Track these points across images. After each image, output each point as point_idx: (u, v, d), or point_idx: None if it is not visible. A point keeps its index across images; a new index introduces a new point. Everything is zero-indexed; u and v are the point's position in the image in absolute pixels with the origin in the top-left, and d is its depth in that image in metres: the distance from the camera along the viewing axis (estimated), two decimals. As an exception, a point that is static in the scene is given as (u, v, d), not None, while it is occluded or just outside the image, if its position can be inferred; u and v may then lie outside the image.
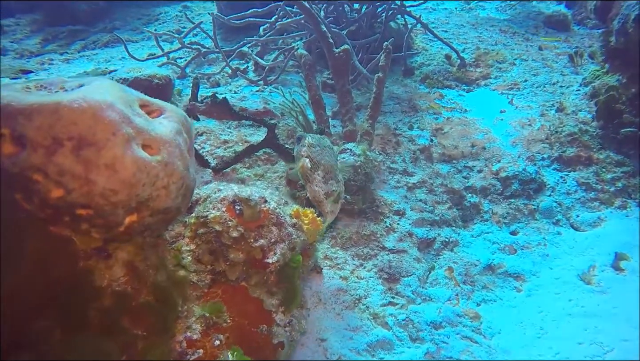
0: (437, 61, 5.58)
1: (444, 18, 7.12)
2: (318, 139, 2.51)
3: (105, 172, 1.34)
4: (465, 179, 3.62)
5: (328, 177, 2.42)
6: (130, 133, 1.43)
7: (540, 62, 5.25)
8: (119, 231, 1.49)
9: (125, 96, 1.50)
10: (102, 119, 1.35)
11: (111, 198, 1.37)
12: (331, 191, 2.41)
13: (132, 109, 1.50)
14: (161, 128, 1.58)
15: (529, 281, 2.79)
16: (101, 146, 1.34)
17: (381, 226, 3.11)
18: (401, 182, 3.48)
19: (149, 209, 1.51)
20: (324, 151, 2.46)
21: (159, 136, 1.53)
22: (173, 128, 1.62)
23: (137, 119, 1.49)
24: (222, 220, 2.04)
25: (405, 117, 4.32)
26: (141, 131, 1.48)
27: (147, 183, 1.45)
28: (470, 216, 3.41)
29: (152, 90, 3.76)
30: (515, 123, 4.02)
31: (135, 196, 1.43)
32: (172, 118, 1.66)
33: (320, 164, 2.42)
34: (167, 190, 1.54)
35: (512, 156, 3.66)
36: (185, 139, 1.69)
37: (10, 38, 6.78)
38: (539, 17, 6.93)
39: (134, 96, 1.60)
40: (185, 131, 1.72)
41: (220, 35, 5.88)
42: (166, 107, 1.69)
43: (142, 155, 1.43)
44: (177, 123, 1.65)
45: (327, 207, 2.43)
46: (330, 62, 3.67)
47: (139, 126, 1.47)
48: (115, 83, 1.53)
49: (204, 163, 3.23)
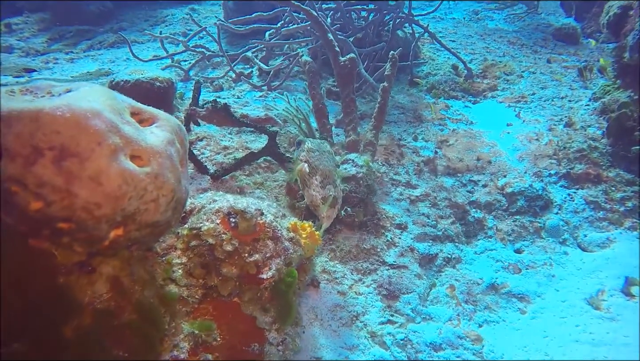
0: (443, 70, 5.49)
1: (452, 28, 7.04)
2: (318, 144, 2.48)
3: (88, 184, 1.26)
4: (469, 193, 3.52)
5: (326, 182, 2.40)
6: (118, 143, 1.34)
7: (548, 75, 5.15)
8: (104, 245, 1.40)
9: (114, 104, 1.41)
10: (87, 128, 1.26)
11: (94, 212, 1.29)
12: (328, 195, 2.38)
13: (121, 117, 1.42)
14: (152, 138, 1.49)
15: (534, 302, 2.68)
16: (85, 157, 1.25)
17: (382, 240, 3.01)
18: (404, 194, 3.38)
19: (136, 223, 1.42)
20: (322, 155, 2.45)
21: (149, 147, 1.45)
22: (165, 138, 1.53)
23: (126, 128, 1.40)
24: (216, 233, 1.95)
25: (410, 127, 4.22)
26: (130, 141, 1.39)
27: (134, 196, 1.36)
28: (473, 232, 3.31)
29: (154, 93, 3.70)
30: (522, 137, 3.92)
31: (121, 210, 1.34)
32: (164, 127, 1.57)
33: (318, 169, 2.40)
34: (156, 203, 1.45)
35: (518, 171, 3.55)
36: (178, 150, 1.61)
37: (17, 36, 6.76)
38: (547, 29, 6.84)
39: (126, 103, 1.52)
40: (178, 140, 1.63)
41: (226, 39, 5.83)
42: (159, 115, 1.61)
43: (129, 167, 1.35)
44: (169, 133, 1.57)
45: (324, 212, 2.41)
46: (335, 70, 3.59)
47: (127, 135, 1.39)
48: (105, 89, 1.45)
49: (202, 169, 3.15)
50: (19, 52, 6.24)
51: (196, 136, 3.54)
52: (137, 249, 1.61)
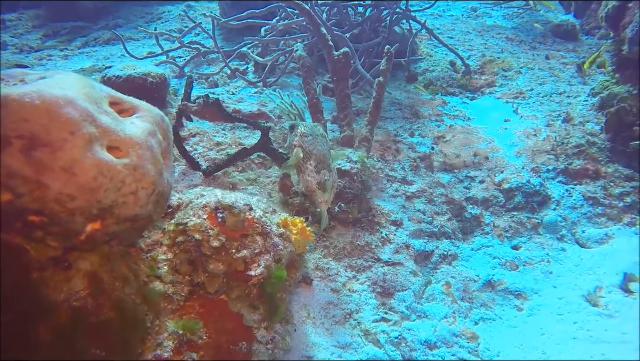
0: (441, 67, 5.42)
1: (450, 24, 6.97)
2: (310, 128, 2.45)
3: (60, 175, 1.19)
4: (466, 189, 3.46)
5: (320, 167, 2.36)
6: (93, 133, 1.28)
7: (547, 71, 5.08)
8: (80, 239, 1.34)
9: (91, 92, 1.35)
10: (59, 116, 1.20)
11: (67, 204, 1.22)
12: (324, 180, 2.34)
13: (98, 107, 1.35)
14: (132, 128, 1.43)
15: (531, 299, 2.62)
16: (57, 147, 1.19)
17: (377, 236, 2.95)
18: (399, 191, 3.32)
19: (114, 216, 1.36)
20: (316, 139, 2.40)
21: (128, 137, 1.38)
22: (146, 129, 1.47)
23: (103, 117, 1.34)
24: (203, 228, 1.89)
25: (407, 123, 4.16)
26: (107, 131, 1.33)
27: (110, 188, 1.30)
28: (470, 229, 3.25)
29: (146, 88, 3.63)
30: (520, 133, 3.85)
31: (97, 203, 1.28)
32: (145, 118, 1.51)
33: (312, 154, 2.36)
34: (135, 196, 1.39)
35: (515, 167, 3.49)
36: (160, 141, 1.54)
37: (11, 33, 6.70)
38: (546, 26, 6.76)
39: (104, 92, 1.46)
40: (160, 132, 1.57)
41: (222, 35, 5.76)
42: (140, 105, 1.54)
43: (105, 157, 1.28)
44: (150, 124, 1.50)
45: (320, 197, 2.36)
46: (329, 65, 3.53)
47: (104, 125, 1.33)
48: (82, 77, 1.39)
49: (194, 165, 3.09)
50: (12, 48, 6.17)
51: (189, 132, 3.48)
52: (117, 244, 1.54)
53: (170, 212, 2.06)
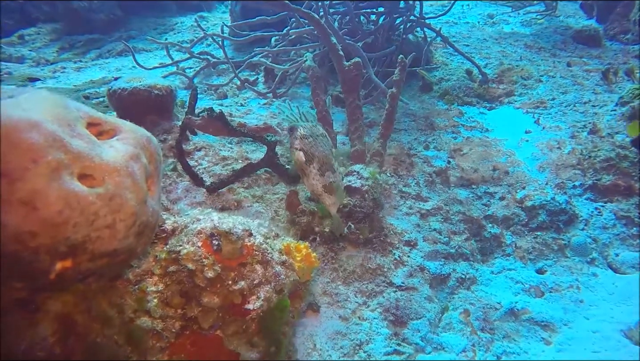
0: (457, 76, 5.19)
1: (466, 32, 6.73)
2: (310, 129, 2.36)
3: (19, 210, 1.03)
4: (485, 206, 3.21)
5: (324, 169, 2.27)
6: (62, 160, 1.11)
7: (569, 80, 4.79)
8: (49, 279, 1.17)
9: (62, 113, 1.19)
10: (20, 142, 1.04)
11: (29, 242, 1.06)
12: (329, 182, 2.25)
13: (70, 129, 1.19)
14: (110, 153, 1.26)
15: (560, 332, 2.35)
16: (15, 177, 1.02)
17: (389, 258, 2.73)
18: (414, 208, 3.10)
19: (88, 253, 1.19)
20: (317, 140, 2.32)
21: (104, 163, 1.22)
22: (127, 152, 1.30)
23: (75, 142, 1.18)
24: (197, 257, 1.71)
25: (422, 135, 3.93)
26: (80, 157, 1.16)
27: (81, 223, 1.13)
28: (490, 249, 2.99)
29: (152, 101, 3.51)
30: (543, 145, 3.59)
31: (65, 239, 1.11)
32: (127, 140, 1.34)
33: (314, 156, 2.27)
34: (112, 230, 1.21)
35: (538, 183, 3.22)
36: (145, 166, 1.37)
37: (29, 47, 6.74)
38: (567, 32, 6.47)
39: (81, 112, 1.30)
40: (146, 155, 1.40)
41: (232, 45, 5.65)
42: (123, 126, 1.38)
43: (74, 188, 1.11)
44: (133, 146, 1.33)
45: (328, 200, 2.26)
46: (340, 75, 3.34)
47: (76, 150, 1.16)
48: (54, 96, 1.23)
49: (198, 182, 2.93)
50: (30, 62, 6.20)
51: (194, 145, 3.33)
52: (96, 280, 1.38)
53: (164, 237, 1.89)
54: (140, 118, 3.62)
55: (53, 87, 4.32)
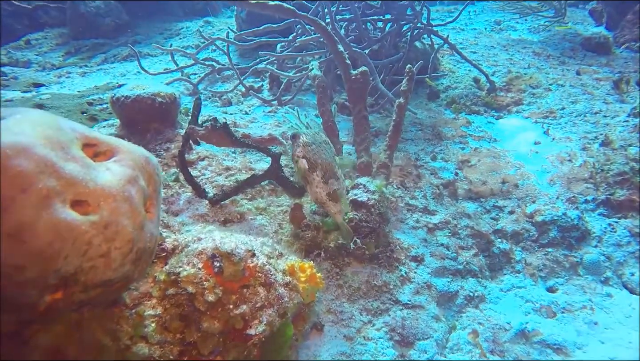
0: (464, 84, 5.10)
1: (473, 39, 6.64)
2: (313, 136, 2.33)
3: (6, 243, 0.96)
4: (494, 220, 3.11)
5: (327, 177, 2.25)
6: (53, 187, 1.04)
7: (579, 88, 4.69)
8: (38, 310, 1.10)
9: (55, 135, 1.12)
10: (7, 170, 0.97)
11: (16, 277, 0.99)
12: (333, 190, 2.22)
13: (64, 152, 1.12)
14: (106, 176, 1.19)
15: (574, 356, 2.25)
16: (2, 208, 0.95)
17: (395, 274, 2.64)
18: (421, 222, 3.01)
19: (80, 284, 1.12)
20: (320, 148, 2.30)
21: (99, 188, 1.15)
22: (124, 175, 1.23)
23: (69, 166, 1.11)
24: (197, 280, 1.64)
25: (429, 145, 3.85)
26: (73, 183, 1.09)
27: (72, 254, 1.06)
28: (499, 265, 2.90)
29: (155, 109, 3.45)
30: (553, 158, 3.49)
31: (55, 272, 1.04)
32: (124, 161, 1.27)
33: (317, 164, 2.25)
34: (106, 259, 1.14)
35: (549, 197, 3.12)
36: (143, 188, 1.30)
37: (36, 51, 6.72)
38: (575, 39, 6.36)
39: (76, 133, 1.23)
40: (144, 177, 1.33)
41: (237, 51, 5.60)
42: (120, 147, 1.31)
43: (67, 217, 1.04)
44: (131, 168, 1.26)
45: (332, 208, 2.25)
46: (346, 84, 3.26)
47: (70, 175, 1.09)
48: (47, 116, 1.16)
49: (200, 193, 2.86)
50: (36, 66, 6.18)
51: (197, 155, 3.27)
52: (90, 309, 1.30)
53: (164, 256, 1.82)
54: (144, 126, 3.57)
55: (57, 93, 4.28)
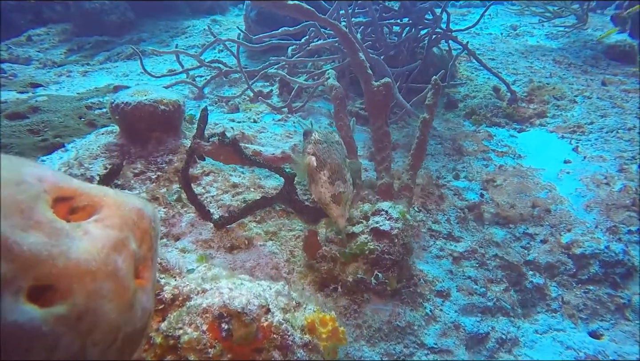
0: (483, 93, 4.77)
1: (489, 44, 6.29)
2: (325, 135, 2.24)
3: None
4: (525, 249, 2.80)
5: (335, 178, 2.12)
6: (3, 274, 0.73)
7: (607, 101, 4.36)
8: None
9: (12, 194, 0.81)
10: None
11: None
12: (338, 192, 2.10)
13: (24, 218, 0.81)
14: (83, 245, 0.88)
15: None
16: None
17: (420, 313, 2.34)
18: (445, 250, 2.70)
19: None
20: (331, 147, 2.19)
21: (72, 264, 0.84)
22: (108, 241, 0.92)
23: (30, 238, 0.80)
24: (201, 346, 1.34)
25: (450, 162, 3.53)
26: (35, 262, 0.79)
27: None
28: (532, 301, 2.59)
29: (157, 117, 3.13)
30: (587, 180, 3.17)
31: (4, 393, 0.73)
32: (109, 220, 0.96)
33: (326, 163, 2.14)
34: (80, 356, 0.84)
35: (587, 226, 2.81)
36: (134, 252, 0.99)
37: (38, 47, 6.41)
38: (597, 46, 6.01)
39: (46, 184, 0.91)
40: (136, 235, 1.02)
41: (246, 52, 5.27)
42: (105, 199, 0.99)
43: (18, 317, 0.73)
44: (117, 229, 0.95)
45: (335, 211, 2.10)
46: (366, 95, 2.95)
47: (30, 252, 0.78)
48: (7, 166, 0.85)
49: (205, 215, 2.55)
50: (36, 63, 5.86)
51: (202, 169, 2.96)
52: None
53: (161, 309, 1.52)
54: (145, 135, 3.25)
55: (54, 95, 3.96)
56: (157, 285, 1.54)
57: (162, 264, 1.60)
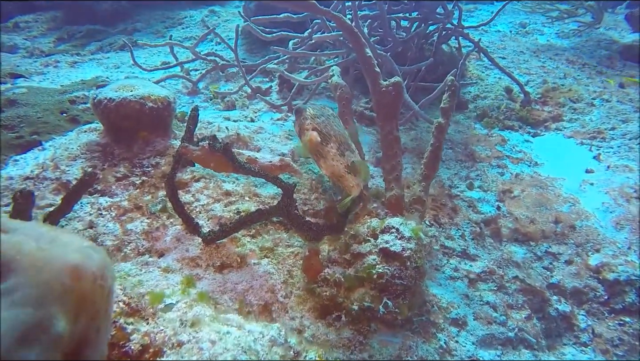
0: (495, 93, 4.43)
1: (499, 42, 5.94)
2: (320, 109, 2.11)
3: None
4: (547, 271, 2.50)
5: (343, 149, 2.02)
6: None
7: (628, 105, 4.03)
8: None
9: None
10: None
11: None
12: (351, 162, 2.00)
13: None
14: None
15: None
16: None
17: (433, 346, 2.03)
18: (460, 270, 2.39)
19: None
20: (329, 120, 2.07)
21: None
22: (11, 332, 0.59)
23: None
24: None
25: (462, 169, 3.20)
26: None
27: None
28: (557, 331, 2.29)
29: (144, 115, 2.79)
30: (615, 193, 2.85)
31: None
32: (19, 293, 0.63)
33: (330, 136, 2.02)
34: None
35: (617, 246, 2.50)
36: (57, 337, 0.67)
37: (25, 35, 6.01)
38: (611, 46, 5.66)
39: None
40: (67, 308, 0.69)
41: (245, 46, 4.90)
42: (18, 261, 0.66)
43: None
44: (30, 307, 0.62)
45: (352, 181, 2.01)
46: (374, 96, 2.61)
47: None
48: None
49: (192, 228, 2.23)
50: (23, 52, 5.47)
51: (192, 175, 2.63)
52: None
53: None
54: (131, 134, 2.91)
55: (35, 87, 3.61)
56: (123, 334, 1.22)
57: (131, 305, 1.28)
